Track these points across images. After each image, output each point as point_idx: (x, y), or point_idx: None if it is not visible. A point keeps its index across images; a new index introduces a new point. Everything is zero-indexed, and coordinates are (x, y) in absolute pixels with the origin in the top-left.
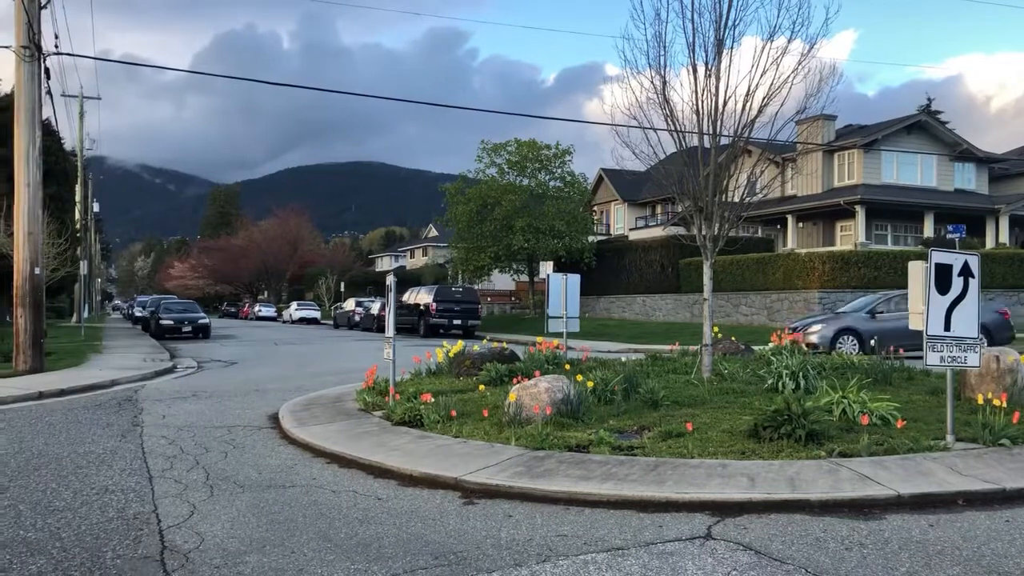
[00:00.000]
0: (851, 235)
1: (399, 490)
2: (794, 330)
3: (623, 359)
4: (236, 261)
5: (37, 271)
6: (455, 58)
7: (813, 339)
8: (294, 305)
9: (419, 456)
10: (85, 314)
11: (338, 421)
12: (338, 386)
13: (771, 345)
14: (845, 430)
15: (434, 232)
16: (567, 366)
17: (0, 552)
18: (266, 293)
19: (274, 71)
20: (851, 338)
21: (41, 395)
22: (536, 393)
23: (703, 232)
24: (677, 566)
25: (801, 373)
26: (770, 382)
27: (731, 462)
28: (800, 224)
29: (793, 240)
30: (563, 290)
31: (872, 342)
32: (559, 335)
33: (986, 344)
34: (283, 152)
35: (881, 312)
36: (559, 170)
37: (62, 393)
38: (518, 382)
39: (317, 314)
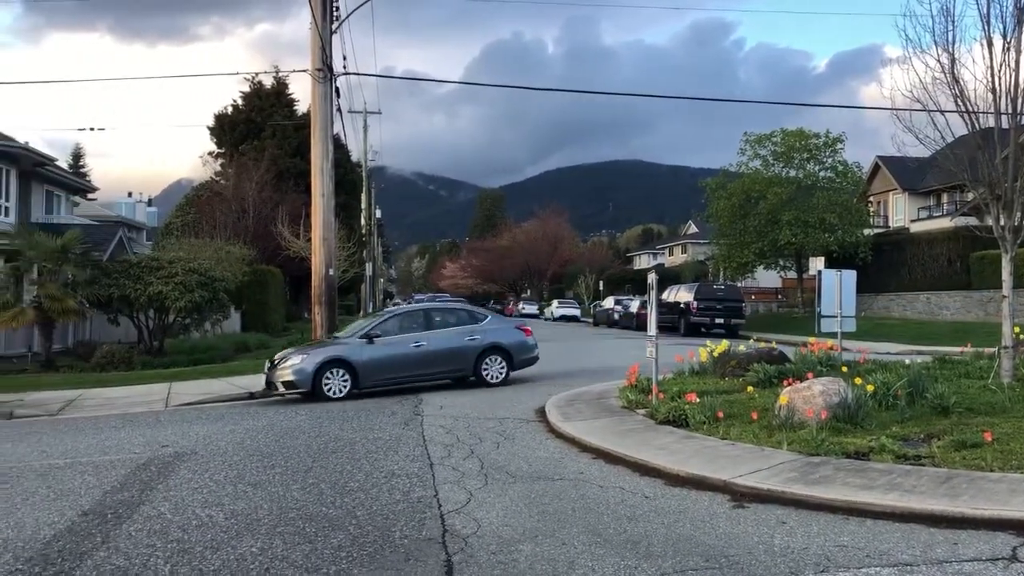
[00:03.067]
0: None
1: (666, 489)
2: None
3: (906, 361)
4: (501, 261)
5: (331, 272)
6: (720, 50)
7: (288, 377)
8: (555, 303)
9: (685, 456)
10: (370, 310)
11: (602, 417)
12: (600, 383)
13: None
14: None
15: (693, 228)
16: (843, 368)
17: (308, 525)
18: (529, 291)
19: (539, 77)
20: (342, 372)
21: None
22: (809, 396)
23: (1001, 222)
24: None
25: None
26: None
27: None
28: None
29: None
30: (837, 287)
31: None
32: (833, 335)
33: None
34: (545, 155)
35: (379, 336)
36: (829, 159)
37: None
38: (788, 384)
39: (577, 312)
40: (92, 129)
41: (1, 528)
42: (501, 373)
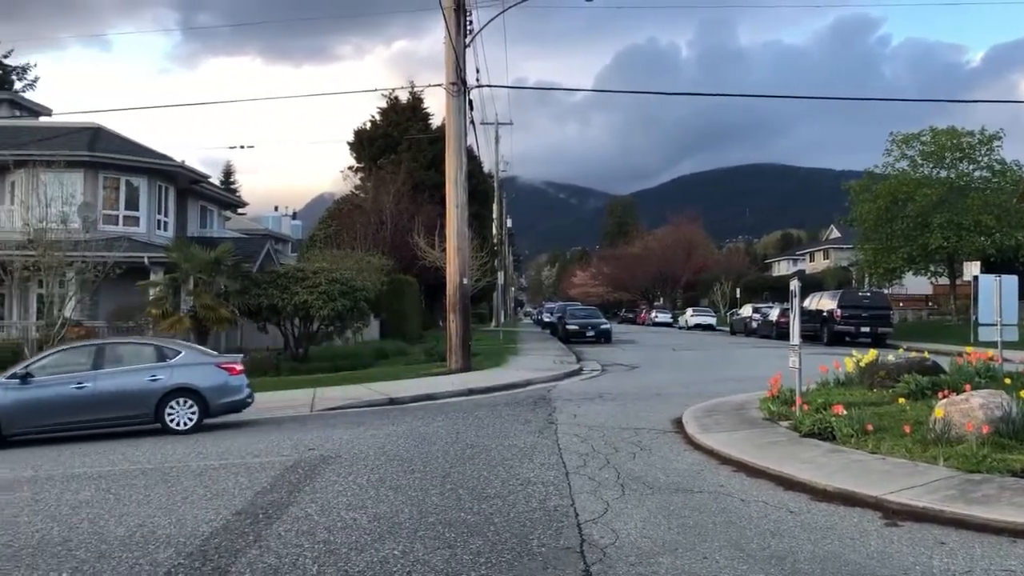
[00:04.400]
0: None
1: (811, 504)
2: None
3: None
4: (632, 269)
5: (465, 281)
6: (864, 47)
7: None
8: (689, 311)
9: (832, 470)
10: (502, 319)
11: (742, 429)
12: (739, 394)
13: None
14: None
15: (836, 233)
16: (1007, 380)
17: (447, 530)
18: (661, 299)
19: (672, 81)
20: None
21: (470, 391)
22: (968, 409)
23: None
24: None
25: None
26: None
27: None
28: None
29: None
30: (996, 293)
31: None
32: (992, 345)
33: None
34: (678, 161)
35: (35, 376)
36: (985, 158)
37: (487, 390)
38: (944, 396)
39: (713, 320)
40: (242, 147)
41: (164, 524)
42: (191, 419)
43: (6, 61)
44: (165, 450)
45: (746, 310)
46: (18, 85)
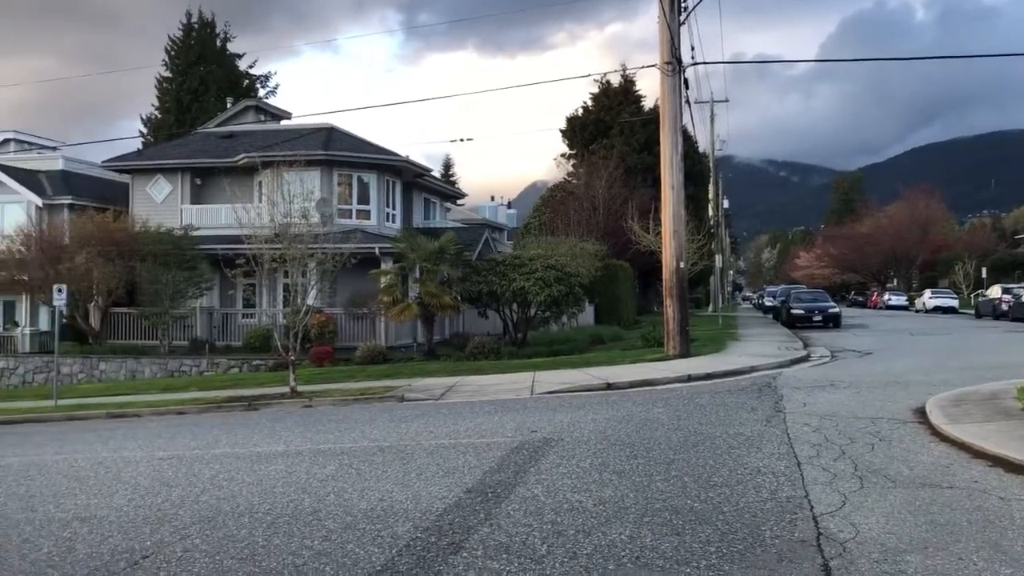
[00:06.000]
0: None
1: None
2: None
3: None
4: (861, 249)
5: (681, 265)
6: None
7: None
8: (927, 293)
9: None
10: (719, 304)
11: (995, 420)
12: (991, 382)
13: None
14: None
15: None
16: None
17: (674, 517)
18: (895, 281)
19: (905, 46)
20: None
21: (689, 378)
22: None
23: None
24: None
25: None
26: None
27: None
28: None
29: None
30: None
31: None
32: None
33: None
34: (910, 132)
35: None
36: None
37: (707, 377)
38: None
39: (954, 302)
40: (462, 140)
41: (401, 499)
42: None
43: (251, 71)
44: (400, 429)
45: (994, 291)
46: (261, 92)
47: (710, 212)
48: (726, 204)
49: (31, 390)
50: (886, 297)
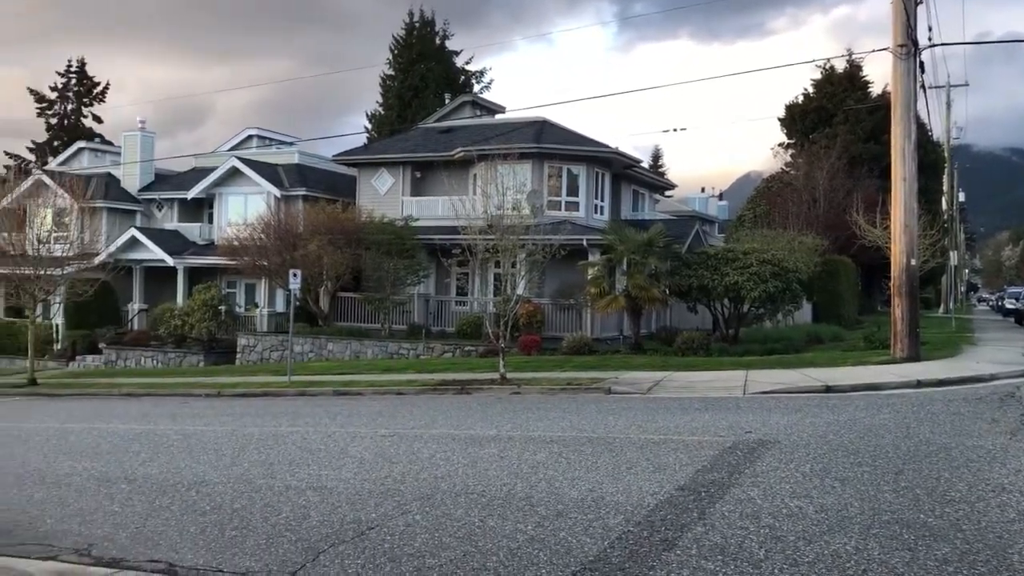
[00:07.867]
0: None
1: None
2: None
3: None
4: None
5: (912, 262)
6: None
7: None
8: None
9: None
10: (951, 305)
11: None
12: None
13: None
14: None
15: None
16: None
17: (904, 531)
18: None
19: None
20: None
21: (919, 383)
22: None
23: None
24: None
25: None
26: None
27: None
28: None
29: None
30: None
31: None
32: None
33: None
34: None
35: None
36: None
37: (940, 383)
38: None
39: None
40: (674, 130)
41: (612, 492)
42: None
43: (467, 67)
44: (607, 421)
45: None
46: (476, 88)
47: (944, 206)
48: (962, 197)
49: (267, 366)
50: None
